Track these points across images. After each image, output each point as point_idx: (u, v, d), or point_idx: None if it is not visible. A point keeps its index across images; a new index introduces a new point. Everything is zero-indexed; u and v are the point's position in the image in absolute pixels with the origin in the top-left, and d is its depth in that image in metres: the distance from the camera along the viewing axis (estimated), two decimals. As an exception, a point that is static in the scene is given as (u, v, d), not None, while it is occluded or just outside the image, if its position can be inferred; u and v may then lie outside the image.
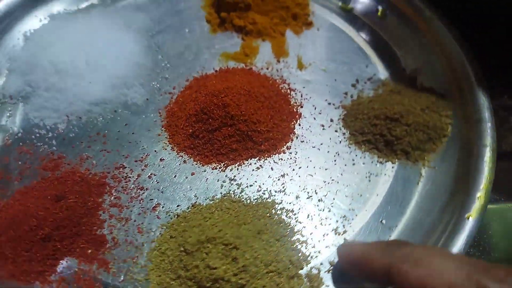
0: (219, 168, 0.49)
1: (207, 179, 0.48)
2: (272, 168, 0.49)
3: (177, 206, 0.46)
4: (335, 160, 0.49)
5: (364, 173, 0.48)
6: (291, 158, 0.50)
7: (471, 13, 0.56)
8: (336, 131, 0.52)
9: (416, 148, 0.48)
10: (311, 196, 0.47)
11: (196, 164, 0.50)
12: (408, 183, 0.48)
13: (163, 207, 0.46)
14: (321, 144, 0.51)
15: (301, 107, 0.54)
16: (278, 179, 0.48)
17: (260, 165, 0.49)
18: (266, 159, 0.50)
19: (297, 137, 0.52)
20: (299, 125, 0.53)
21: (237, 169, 0.49)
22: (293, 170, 0.49)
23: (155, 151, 0.51)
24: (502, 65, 0.54)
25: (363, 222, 0.45)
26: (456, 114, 0.50)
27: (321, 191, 0.47)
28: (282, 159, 0.50)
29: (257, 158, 0.50)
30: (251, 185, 0.48)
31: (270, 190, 0.47)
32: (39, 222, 0.43)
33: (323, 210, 0.46)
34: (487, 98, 0.48)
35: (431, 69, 0.55)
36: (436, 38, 0.55)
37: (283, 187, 0.47)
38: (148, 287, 0.40)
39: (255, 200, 0.46)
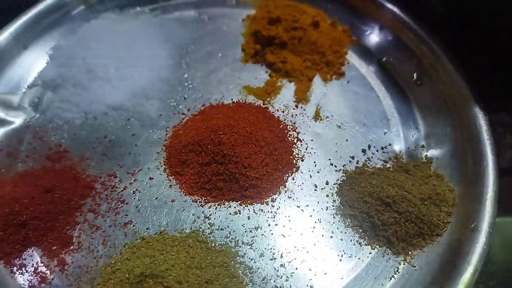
0: (199, 202, 0.49)
1: (184, 210, 0.48)
2: (249, 217, 0.48)
3: (146, 229, 0.47)
4: (314, 227, 0.47)
5: (338, 250, 0.45)
6: (271, 212, 0.48)
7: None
8: (327, 195, 0.49)
9: (401, 240, 0.44)
10: (275, 259, 0.45)
11: (181, 192, 0.50)
12: (381, 275, 0.44)
13: (133, 226, 0.47)
14: (307, 206, 0.49)
15: (302, 160, 0.52)
16: (251, 231, 0.47)
17: (239, 211, 0.48)
18: (247, 206, 0.49)
19: (285, 191, 0.50)
20: (293, 179, 0.51)
21: (216, 208, 0.49)
22: (269, 225, 0.47)
23: (148, 168, 0.52)
24: (500, 80, 0.54)
25: (316, 303, 0.42)
26: (456, 213, 0.45)
27: (287, 256, 0.45)
28: (262, 210, 0.48)
29: (239, 202, 0.49)
30: (222, 229, 0.47)
31: (238, 240, 0.46)
32: (20, 209, 0.46)
33: (281, 277, 0.44)
34: (494, 213, 0.43)
35: (450, 156, 0.50)
36: (465, 124, 0.50)
37: (252, 240, 0.46)
38: (89, 300, 0.42)
39: (220, 246, 0.46)
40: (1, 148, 0.53)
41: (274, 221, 0.48)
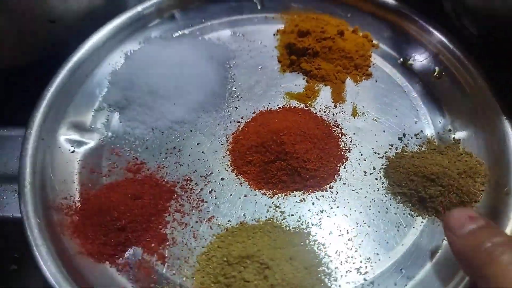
0: (268, 195, 0.57)
1: (256, 202, 0.56)
2: (313, 203, 0.56)
3: (228, 221, 0.55)
4: (370, 206, 0.55)
5: (394, 222, 0.54)
6: (331, 197, 0.56)
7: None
8: (376, 179, 0.58)
9: (447, 208, 0.53)
10: (342, 234, 0.53)
11: (250, 188, 0.58)
12: (434, 239, 0.52)
13: (216, 219, 0.55)
14: (361, 189, 0.57)
15: (349, 151, 0.61)
16: (317, 214, 0.55)
17: (303, 199, 0.56)
18: (310, 194, 0.57)
19: (340, 179, 0.58)
20: (344, 168, 0.59)
21: (283, 198, 0.57)
22: (331, 208, 0.55)
23: (218, 170, 0.60)
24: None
25: (384, 267, 0.51)
26: (489, 182, 0.54)
27: (352, 232, 0.53)
28: (323, 197, 0.57)
29: (302, 191, 0.57)
30: (292, 215, 0.55)
31: (308, 222, 0.54)
32: (119, 215, 0.53)
33: (351, 249, 0.52)
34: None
35: (475, 136, 0.59)
36: (485, 109, 0.59)
37: (319, 222, 0.54)
38: (192, 284, 0.49)
39: (293, 229, 0.54)
40: (84, 166, 0.61)
41: (335, 204, 0.56)
